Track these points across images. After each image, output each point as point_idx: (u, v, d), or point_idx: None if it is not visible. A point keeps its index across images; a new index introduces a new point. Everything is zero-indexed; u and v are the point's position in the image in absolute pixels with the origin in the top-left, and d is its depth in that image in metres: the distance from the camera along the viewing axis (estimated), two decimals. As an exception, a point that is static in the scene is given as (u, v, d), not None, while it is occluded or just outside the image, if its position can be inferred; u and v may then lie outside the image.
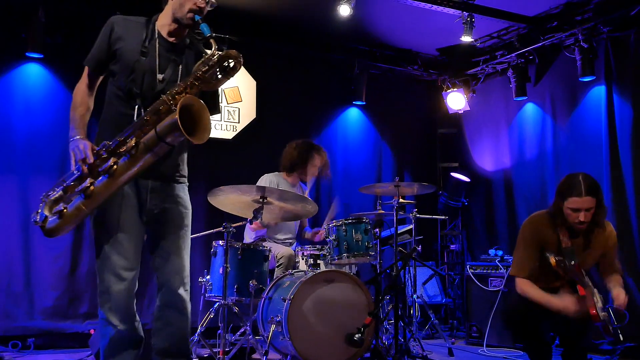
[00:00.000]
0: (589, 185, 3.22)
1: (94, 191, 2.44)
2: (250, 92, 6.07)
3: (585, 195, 3.19)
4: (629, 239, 5.07)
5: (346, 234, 4.24)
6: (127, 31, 2.64)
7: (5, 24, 5.08)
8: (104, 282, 2.58)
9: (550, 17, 5.68)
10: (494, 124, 6.72)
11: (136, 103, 2.58)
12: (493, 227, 6.62)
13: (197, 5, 2.60)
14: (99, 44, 2.67)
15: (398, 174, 6.66)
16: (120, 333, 2.57)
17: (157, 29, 2.67)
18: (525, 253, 3.38)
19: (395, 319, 3.81)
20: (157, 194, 2.66)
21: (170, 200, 2.69)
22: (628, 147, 5.17)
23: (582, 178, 3.23)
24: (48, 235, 2.52)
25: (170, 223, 2.69)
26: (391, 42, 6.53)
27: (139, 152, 2.43)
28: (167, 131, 2.40)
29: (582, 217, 3.21)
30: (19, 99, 5.13)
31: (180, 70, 2.65)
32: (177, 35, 2.69)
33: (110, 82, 2.67)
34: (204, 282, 4.10)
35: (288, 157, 4.89)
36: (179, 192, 2.74)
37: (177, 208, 2.71)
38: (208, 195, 3.82)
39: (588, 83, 5.56)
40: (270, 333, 3.82)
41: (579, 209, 3.20)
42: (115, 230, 2.57)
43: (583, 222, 3.22)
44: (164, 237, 2.68)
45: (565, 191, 3.26)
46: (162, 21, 2.68)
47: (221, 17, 5.73)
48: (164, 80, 2.61)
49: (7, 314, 4.89)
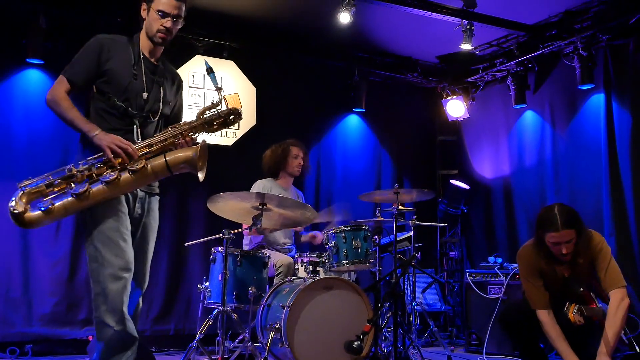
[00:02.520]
0: (566, 218, 3.19)
1: (88, 195, 2.55)
2: (250, 98, 6.08)
3: (562, 229, 3.16)
4: (628, 246, 5.06)
5: (345, 241, 4.24)
6: (116, 52, 2.78)
7: (6, 30, 5.09)
8: (99, 283, 2.62)
9: (549, 25, 5.70)
10: (494, 132, 6.73)
11: (134, 123, 2.77)
12: (492, 234, 6.61)
13: (163, 25, 2.77)
14: (87, 61, 2.75)
15: (397, 181, 6.67)
16: (117, 334, 2.61)
17: (141, 49, 2.83)
18: (531, 286, 3.38)
19: (395, 326, 3.79)
20: (140, 204, 2.84)
21: (147, 212, 2.88)
22: (627, 154, 5.17)
23: (558, 211, 3.20)
24: (24, 224, 2.55)
25: (143, 232, 2.87)
26: (391, 50, 6.55)
27: (143, 173, 2.63)
28: (178, 163, 2.66)
29: (563, 249, 3.20)
30: (19, 105, 5.14)
31: (161, 90, 2.86)
32: (155, 55, 2.88)
33: (96, 97, 2.78)
34: (202, 289, 4.09)
35: (267, 160, 4.94)
36: (153, 205, 2.94)
37: (150, 220, 2.91)
38: (207, 201, 3.82)
39: (587, 91, 5.57)
40: (269, 340, 3.81)
41: (559, 243, 3.19)
42: (112, 231, 2.66)
43: (566, 254, 3.22)
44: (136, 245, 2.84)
45: (542, 225, 3.26)
46: (142, 41, 2.85)
47: (222, 24, 5.77)
48: (149, 100, 2.80)
49: (5, 320, 4.88)
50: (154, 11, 2.77)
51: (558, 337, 3.25)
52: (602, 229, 5.14)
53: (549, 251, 3.28)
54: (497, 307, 5.01)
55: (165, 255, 5.55)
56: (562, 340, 3.24)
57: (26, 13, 5.00)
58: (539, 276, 3.36)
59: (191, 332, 5.38)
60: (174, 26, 2.80)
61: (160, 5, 2.77)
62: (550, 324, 3.28)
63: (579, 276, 3.31)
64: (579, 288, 3.25)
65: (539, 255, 3.35)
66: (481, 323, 5.19)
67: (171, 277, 5.57)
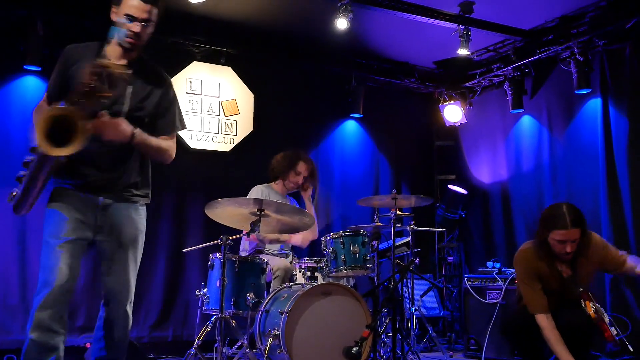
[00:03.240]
0: (575, 217, 3.22)
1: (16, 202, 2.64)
2: (247, 104, 6.08)
3: (571, 227, 3.19)
4: (625, 249, 5.02)
5: (344, 247, 4.24)
6: (81, 56, 2.71)
7: (3, 37, 5.09)
8: (38, 285, 2.64)
9: (546, 30, 5.71)
10: (491, 137, 6.74)
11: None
12: (490, 239, 6.62)
13: (131, 30, 2.66)
14: (55, 73, 2.75)
15: (395, 186, 6.67)
16: (32, 343, 2.59)
17: (106, 51, 2.70)
18: (530, 290, 3.38)
19: (393, 331, 3.79)
20: (107, 212, 2.74)
21: (120, 219, 2.77)
22: (624, 159, 5.18)
23: (567, 209, 3.24)
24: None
25: (118, 241, 2.77)
26: (388, 55, 6.56)
27: (36, 170, 2.59)
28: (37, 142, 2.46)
29: (568, 248, 3.22)
30: (17, 111, 5.13)
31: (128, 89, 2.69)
32: (126, 58, 2.74)
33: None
34: (200, 295, 4.08)
35: (274, 163, 4.93)
36: (131, 212, 2.81)
37: (127, 228, 2.79)
38: (205, 207, 3.81)
39: (584, 96, 5.59)
40: (268, 346, 3.80)
41: (565, 241, 3.21)
42: (57, 240, 2.64)
43: (569, 252, 3.23)
44: (112, 255, 2.77)
45: (549, 223, 3.26)
46: (113, 46, 2.74)
47: (219, 29, 5.78)
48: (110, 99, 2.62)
49: (3, 327, 4.87)
50: (122, 15, 2.67)
51: (557, 342, 3.25)
52: (599, 233, 5.11)
53: (550, 251, 3.29)
54: (496, 312, 5.01)
55: (163, 262, 5.54)
56: (562, 344, 3.24)
57: (23, 19, 5.00)
58: (537, 280, 3.37)
59: (189, 338, 5.36)
60: (143, 31, 2.69)
61: (128, 8, 2.66)
62: (549, 328, 3.28)
63: (578, 276, 3.32)
64: (578, 288, 3.25)
65: (539, 257, 3.35)
66: (480, 328, 5.18)
67: (169, 284, 5.56)
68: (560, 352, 3.23)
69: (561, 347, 3.23)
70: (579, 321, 3.25)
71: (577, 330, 3.28)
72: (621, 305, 5.01)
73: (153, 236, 5.45)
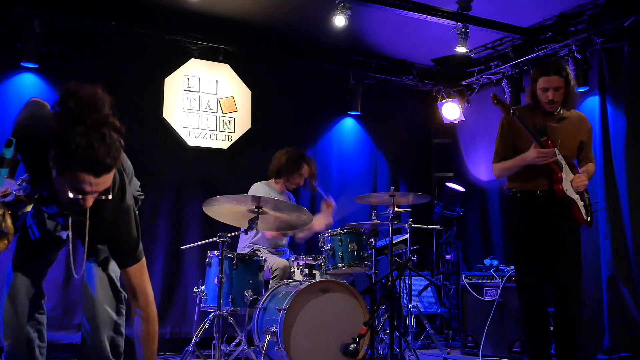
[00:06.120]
0: (557, 66, 3.51)
1: None
2: (245, 102, 6.08)
3: (552, 74, 3.46)
4: (623, 249, 5.07)
5: (341, 244, 4.24)
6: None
7: (1, 34, 5.08)
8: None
9: (544, 28, 5.72)
10: (489, 134, 6.71)
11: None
12: (488, 236, 6.62)
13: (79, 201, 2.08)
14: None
15: (393, 183, 6.66)
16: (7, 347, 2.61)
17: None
18: (502, 141, 3.70)
19: (391, 329, 3.80)
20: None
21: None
22: (622, 157, 5.18)
23: (552, 60, 3.55)
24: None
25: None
26: (386, 53, 6.56)
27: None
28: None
29: (550, 95, 3.47)
30: (14, 109, 5.07)
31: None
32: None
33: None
34: (198, 292, 4.08)
35: (276, 162, 4.92)
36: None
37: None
38: (203, 205, 3.81)
39: (582, 93, 5.58)
40: (266, 343, 3.80)
41: (548, 88, 3.47)
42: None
43: (552, 100, 3.48)
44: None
45: (536, 74, 3.56)
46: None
47: (217, 27, 5.77)
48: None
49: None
50: (66, 183, 2.00)
51: (514, 159, 3.57)
52: (597, 231, 5.16)
53: (538, 103, 3.57)
54: (493, 310, 5.02)
55: (160, 259, 5.54)
56: (517, 157, 3.56)
57: (21, 17, 4.99)
58: (512, 136, 3.64)
59: (187, 335, 5.37)
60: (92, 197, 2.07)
61: (74, 177, 1.95)
62: (502, 162, 3.65)
63: (553, 131, 3.55)
64: (543, 136, 3.50)
65: (526, 110, 3.63)
66: (477, 325, 5.19)
67: (167, 281, 5.56)
68: (521, 158, 3.53)
69: (518, 157, 3.56)
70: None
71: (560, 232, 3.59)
72: (618, 303, 5.02)
73: (151, 233, 5.46)
